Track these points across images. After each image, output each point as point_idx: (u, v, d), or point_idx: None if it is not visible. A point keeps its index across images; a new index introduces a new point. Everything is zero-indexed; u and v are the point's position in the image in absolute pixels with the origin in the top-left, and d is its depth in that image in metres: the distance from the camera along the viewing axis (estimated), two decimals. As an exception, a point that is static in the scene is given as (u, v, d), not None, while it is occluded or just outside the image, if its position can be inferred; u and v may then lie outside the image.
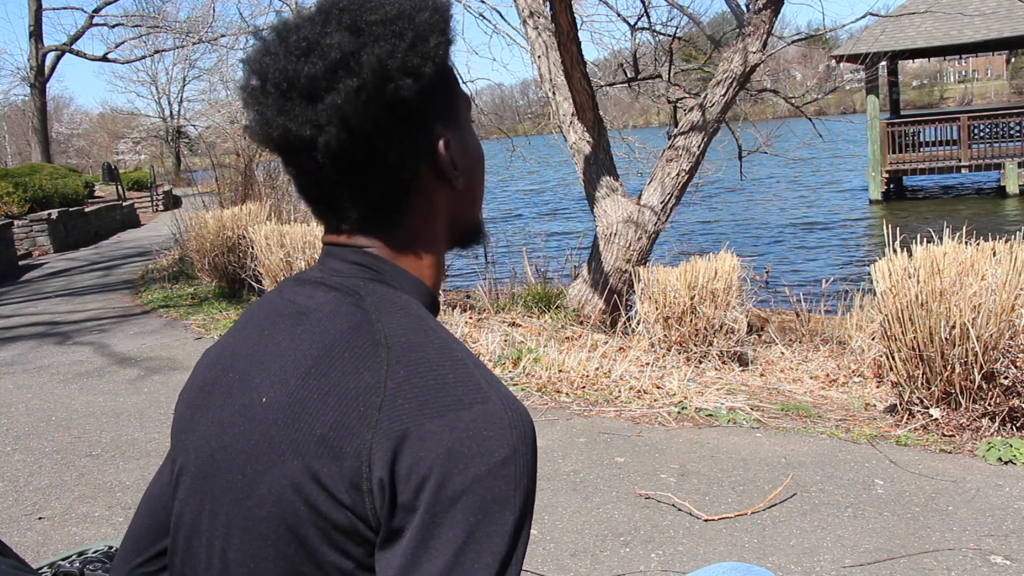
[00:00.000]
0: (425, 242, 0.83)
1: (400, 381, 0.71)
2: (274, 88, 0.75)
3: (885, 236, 3.89)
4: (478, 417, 0.69)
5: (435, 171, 0.81)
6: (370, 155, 0.77)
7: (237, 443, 0.77)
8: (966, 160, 18.18)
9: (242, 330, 0.85)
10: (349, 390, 0.71)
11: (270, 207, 8.40)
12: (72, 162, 36.24)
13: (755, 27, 5.74)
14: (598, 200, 6.29)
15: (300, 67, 0.74)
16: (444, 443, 0.68)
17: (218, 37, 17.41)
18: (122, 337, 6.62)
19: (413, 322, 0.76)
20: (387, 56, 0.74)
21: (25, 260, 13.07)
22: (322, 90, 0.73)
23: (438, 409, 0.69)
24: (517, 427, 0.70)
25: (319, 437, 0.71)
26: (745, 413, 3.93)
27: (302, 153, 0.76)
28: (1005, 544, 2.59)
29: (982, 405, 3.46)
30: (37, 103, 25.23)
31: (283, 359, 0.77)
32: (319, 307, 0.79)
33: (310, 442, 0.71)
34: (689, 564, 2.57)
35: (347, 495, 0.70)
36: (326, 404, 0.72)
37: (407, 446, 0.68)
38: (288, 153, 0.78)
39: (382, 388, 0.71)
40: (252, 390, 0.78)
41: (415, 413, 0.69)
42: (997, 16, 17.12)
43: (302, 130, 0.74)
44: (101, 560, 1.40)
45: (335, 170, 0.77)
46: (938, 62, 61.25)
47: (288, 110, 0.74)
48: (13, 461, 3.88)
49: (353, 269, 0.81)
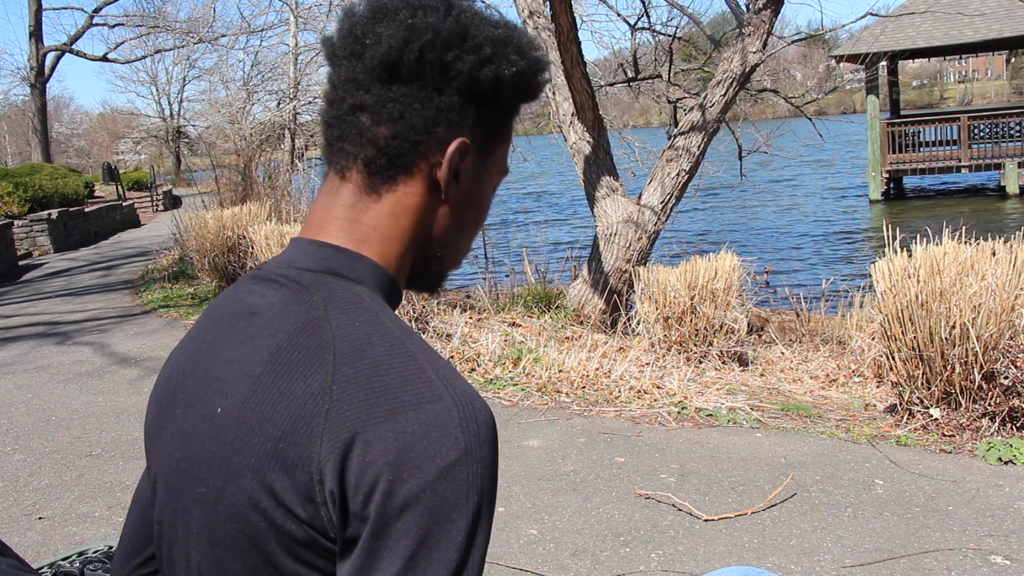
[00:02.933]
0: (399, 237, 0.80)
1: (345, 384, 0.68)
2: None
3: (885, 236, 3.89)
4: (427, 418, 0.67)
5: (433, 169, 0.78)
6: (407, 92, 0.76)
7: (199, 455, 0.75)
8: (966, 160, 18.18)
9: (200, 332, 0.83)
10: (297, 397, 0.69)
11: (270, 207, 8.40)
12: (72, 162, 36.24)
13: (755, 27, 5.74)
14: (598, 200, 6.29)
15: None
16: (391, 449, 0.66)
17: (218, 37, 17.44)
18: (122, 337, 6.62)
19: (362, 317, 0.73)
20: (488, 42, 0.76)
21: (25, 260, 13.07)
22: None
23: (385, 412, 0.67)
24: (469, 425, 0.68)
25: (271, 450, 0.69)
26: (745, 413, 3.93)
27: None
28: (1005, 544, 2.59)
29: (982, 405, 3.46)
30: (37, 103, 25.23)
31: (235, 365, 0.75)
32: (269, 307, 0.76)
33: (263, 455, 0.69)
34: (689, 564, 2.57)
35: (302, 509, 0.68)
36: (276, 413, 0.70)
37: (354, 454, 0.66)
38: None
39: (329, 393, 0.68)
40: (209, 398, 0.76)
41: (361, 418, 0.67)
42: (997, 16, 17.13)
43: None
44: (101, 560, 1.40)
45: (351, 113, 0.77)
46: (938, 62, 61.27)
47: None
48: (13, 461, 3.88)
49: (309, 258, 0.79)
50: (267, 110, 15.52)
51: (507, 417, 4.07)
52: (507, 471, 3.39)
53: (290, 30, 13.91)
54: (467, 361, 4.91)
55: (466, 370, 4.82)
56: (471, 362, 4.89)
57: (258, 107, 16.30)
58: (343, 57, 0.78)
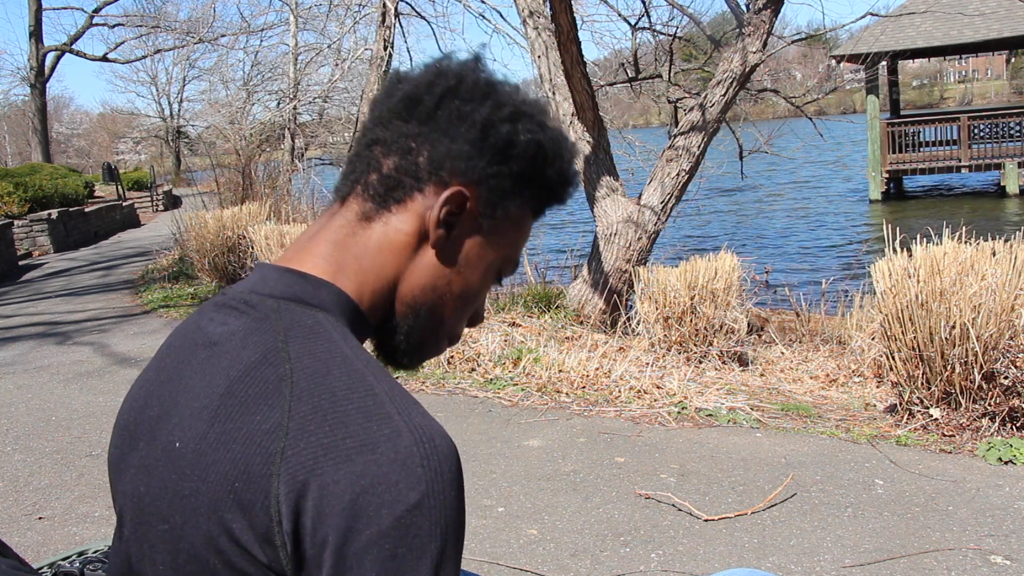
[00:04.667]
0: (377, 270, 0.78)
1: (302, 422, 0.66)
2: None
3: (885, 236, 3.89)
4: (385, 459, 0.64)
5: (427, 212, 0.77)
6: (415, 128, 0.78)
7: (160, 490, 0.73)
8: (966, 160, 18.19)
9: (160, 361, 0.81)
10: (253, 435, 0.67)
11: (270, 207, 8.41)
12: (72, 162, 36.24)
13: (755, 27, 5.74)
14: (598, 200, 6.29)
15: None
16: (347, 494, 0.63)
17: (218, 37, 17.44)
18: (122, 337, 6.62)
19: (322, 347, 0.71)
20: (510, 112, 0.79)
21: (25, 260, 13.08)
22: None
23: (342, 453, 0.64)
24: (430, 463, 0.65)
25: (227, 489, 0.67)
26: (745, 413, 3.93)
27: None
28: (1005, 544, 2.59)
29: (982, 405, 3.46)
30: (37, 103, 25.25)
31: (193, 397, 0.73)
32: (229, 336, 0.74)
33: (219, 494, 0.67)
34: (689, 564, 2.57)
35: (260, 550, 0.66)
36: (231, 452, 0.67)
37: (309, 498, 0.64)
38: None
39: (285, 431, 0.66)
40: (168, 432, 0.73)
41: (318, 459, 0.64)
42: (997, 16, 17.13)
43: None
44: (101, 560, 1.40)
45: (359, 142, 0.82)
46: (938, 62, 61.27)
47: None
48: (13, 461, 3.88)
49: (273, 284, 0.77)
50: (267, 110, 15.53)
51: (507, 417, 4.07)
52: (507, 471, 3.39)
53: (290, 30, 13.91)
54: (467, 361, 4.91)
55: (466, 370, 4.82)
56: (471, 362, 4.89)
57: (258, 107, 16.32)
58: (378, 101, 0.82)
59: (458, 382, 4.66)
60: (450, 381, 4.68)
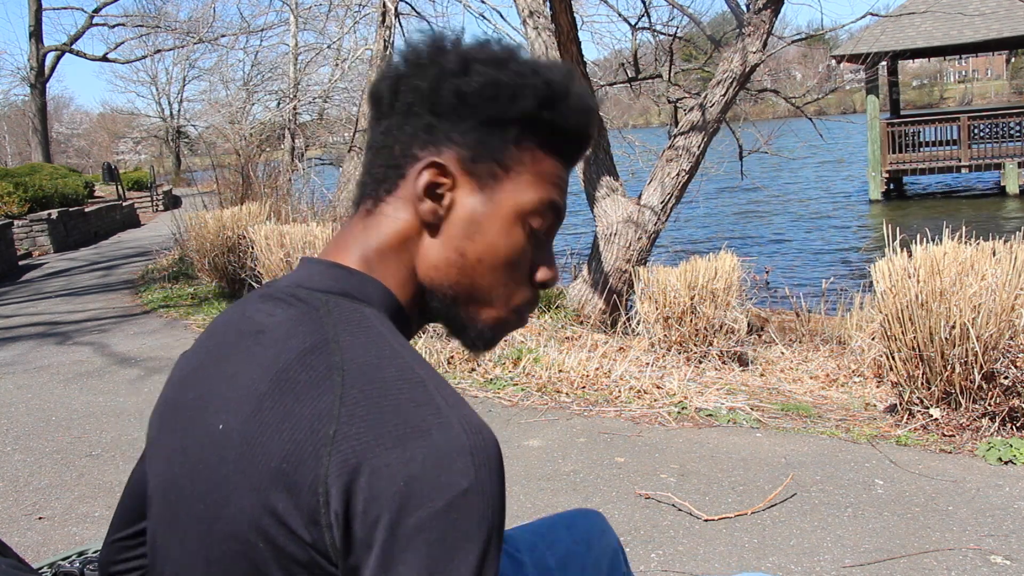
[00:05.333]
0: (393, 257, 0.80)
1: (354, 406, 0.67)
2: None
3: (885, 236, 3.89)
4: (436, 445, 0.65)
5: (411, 194, 0.79)
6: (391, 123, 0.81)
7: (198, 471, 0.74)
8: (966, 160, 18.18)
9: (203, 347, 0.83)
10: (303, 419, 0.68)
11: (270, 207, 8.40)
12: (72, 162, 36.22)
13: (755, 27, 5.74)
14: (598, 200, 6.29)
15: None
16: (400, 477, 0.64)
17: (218, 37, 17.45)
18: (122, 337, 6.62)
19: (373, 341, 0.72)
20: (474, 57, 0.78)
21: (25, 260, 13.07)
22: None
23: (394, 438, 0.65)
24: (480, 453, 0.66)
25: (274, 470, 0.67)
26: (745, 413, 3.93)
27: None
28: (1005, 544, 2.59)
29: (982, 405, 3.46)
30: (37, 103, 25.24)
31: (239, 383, 0.74)
32: (277, 325, 0.75)
33: (265, 475, 0.68)
34: (689, 564, 2.57)
35: (306, 531, 0.67)
36: (280, 434, 0.68)
37: (361, 480, 0.64)
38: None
39: (336, 416, 0.67)
40: (211, 415, 0.74)
41: (370, 443, 0.65)
42: (997, 16, 17.13)
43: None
44: (101, 560, 1.40)
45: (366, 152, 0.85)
46: (938, 62, 61.27)
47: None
48: (13, 461, 3.88)
49: (320, 279, 0.79)
50: (267, 110, 15.53)
51: (507, 417, 4.07)
52: (507, 471, 3.37)
53: (290, 30, 13.92)
54: (467, 361, 4.91)
55: (466, 370, 4.82)
56: (471, 362, 4.89)
57: (258, 107, 16.32)
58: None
59: (458, 382, 4.66)
60: (450, 381, 4.68)
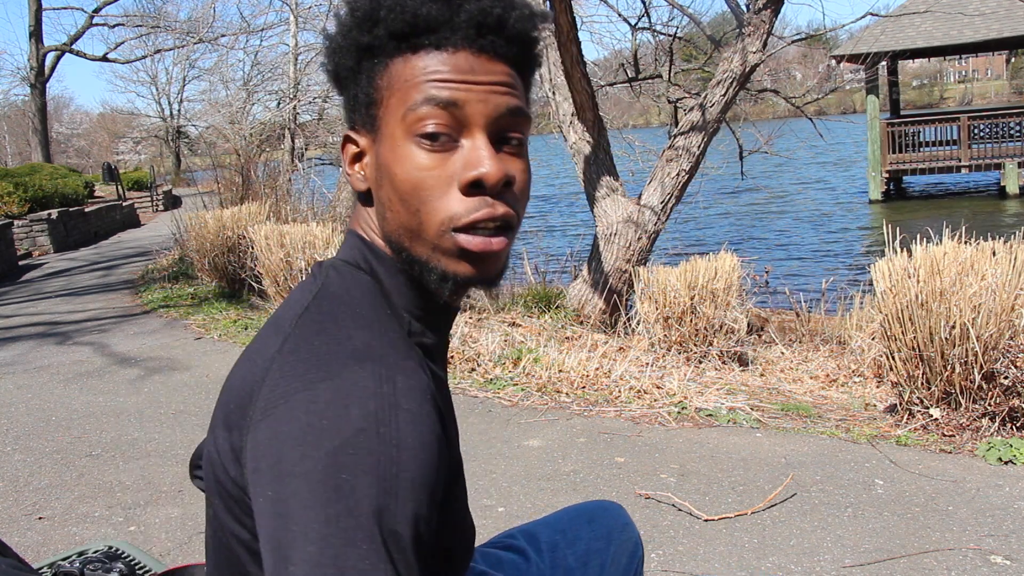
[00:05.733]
0: (374, 233, 0.82)
1: (287, 353, 0.71)
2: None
3: (885, 236, 3.89)
4: (339, 388, 0.65)
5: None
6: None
7: (216, 407, 0.82)
8: (966, 160, 18.18)
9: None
10: (257, 366, 0.73)
11: (270, 207, 8.40)
12: (72, 162, 36.21)
13: (755, 27, 5.74)
14: (598, 200, 6.29)
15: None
16: (302, 416, 0.65)
17: (218, 37, 17.44)
18: (122, 337, 6.62)
19: (338, 300, 0.76)
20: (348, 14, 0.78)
21: (25, 260, 13.07)
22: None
23: (305, 381, 0.67)
24: (386, 399, 0.65)
25: (229, 411, 0.74)
26: (745, 413, 3.93)
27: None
28: (1005, 544, 2.59)
29: (982, 405, 3.46)
30: (37, 103, 25.24)
31: (257, 338, 0.80)
32: (293, 297, 0.81)
33: (224, 415, 0.75)
34: (689, 564, 2.57)
35: (233, 466, 0.71)
36: (242, 379, 0.75)
37: (271, 419, 0.66)
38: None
39: (273, 361, 0.71)
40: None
41: (285, 385, 0.68)
42: (997, 16, 17.13)
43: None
44: (101, 560, 1.40)
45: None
46: (938, 62, 61.27)
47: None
48: (13, 461, 3.88)
49: (343, 248, 0.85)
50: (267, 110, 15.52)
51: (507, 417, 4.07)
52: (507, 471, 3.39)
53: (290, 30, 13.91)
54: (467, 361, 4.91)
55: (466, 370, 4.82)
56: (471, 362, 4.89)
57: (258, 107, 16.30)
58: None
59: (458, 382, 4.66)
60: (450, 381, 4.68)
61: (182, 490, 3.39)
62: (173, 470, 3.62)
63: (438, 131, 0.74)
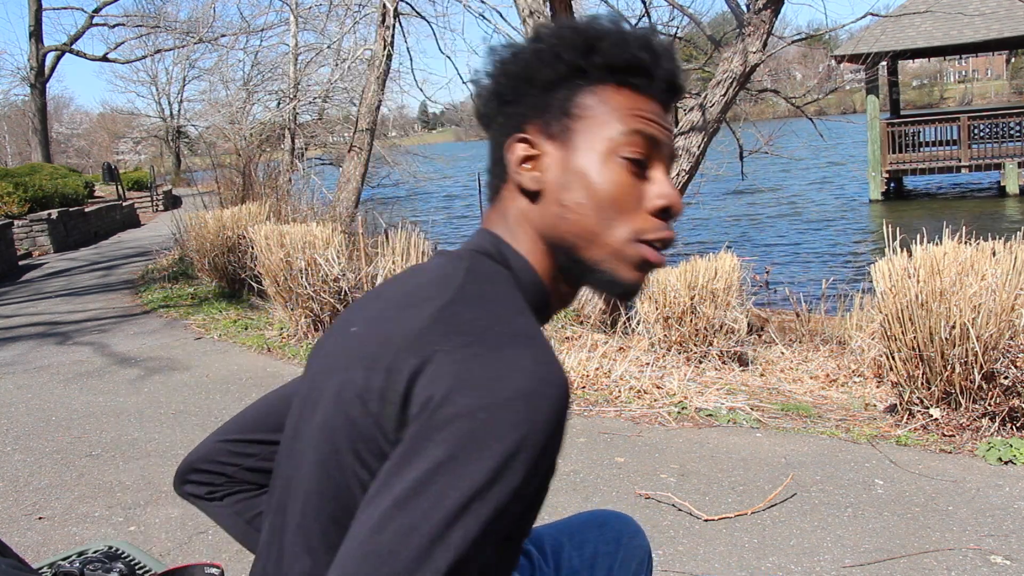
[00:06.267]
0: (523, 237, 0.88)
1: (448, 316, 0.76)
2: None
3: (885, 236, 3.89)
4: (500, 360, 0.71)
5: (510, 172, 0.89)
6: (491, 132, 0.92)
7: (325, 365, 0.85)
8: (966, 160, 18.17)
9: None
10: (406, 318, 0.78)
11: (270, 207, 8.40)
12: (72, 162, 36.21)
13: (755, 27, 5.74)
14: (598, 200, 6.28)
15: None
16: (460, 370, 0.71)
17: (218, 37, 17.44)
18: (122, 337, 6.62)
19: (494, 287, 0.82)
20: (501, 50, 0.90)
21: (25, 260, 13.07)
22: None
23: (468, 342, 0.73)
24: (541, 383, 0.71)
25: (370, 353, 0.78)
26: (745, 413, 3.93)
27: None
28: (1005, 544, 2.59)
29: (982, 405, 3.46)
30: (37, 103, 25.24)
31: (381, 299, 0.86)
32: (428, 265, 0.88)
33: (362, 356, 0.79)
34: (689, 564, 2.57)
35: (375, 404, 0.75)
36: (385, 327, 0.79)
37: (429, 368, 0.72)
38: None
39: (431, 318, 0.76)
40: (351, 324, 0.87)
41: (446, 341, 0.73)
42: (997, 16, 17.12)
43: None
44: (101, 560, 1.40)
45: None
46: (938, 62, 61.27)
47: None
48: (13, 461, 3.88)
49: (476, 240, 0.90)
50: (267, 110, 15.52)
51: (507, 417, 4.07)
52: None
53: (290, 30, 13.91)
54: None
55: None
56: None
57: (258, 107, 16.30)
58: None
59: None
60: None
61: (182, 490, 3.39)
62: (173, 470, 3.60)
63: (640, 158, 0.86)
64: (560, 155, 0.86)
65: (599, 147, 0.85)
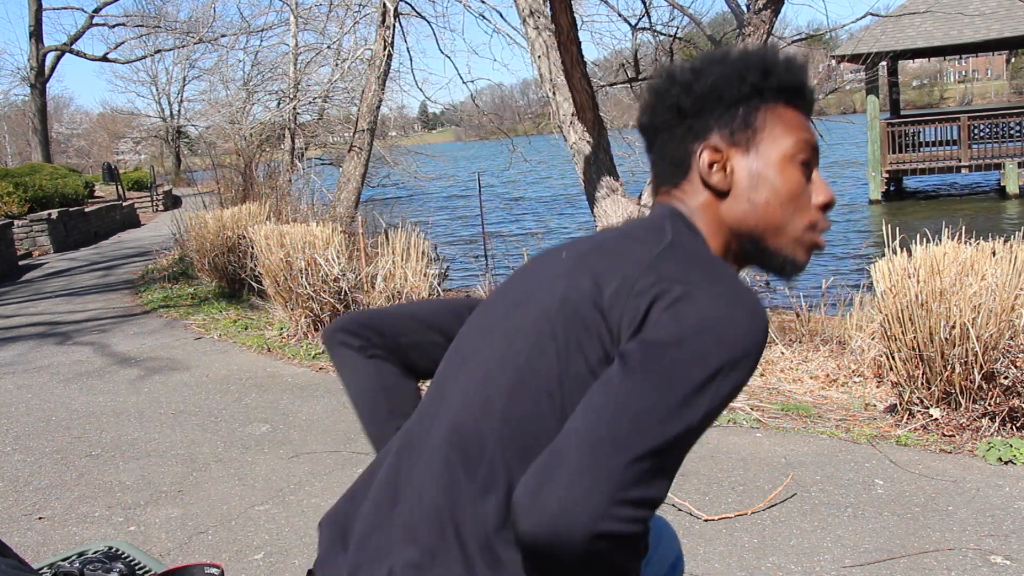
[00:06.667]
0: (702, 221, 1.03)
1: (675, 254, 0.92)
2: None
3: (885, 236, 3.89)
4: (725, 292, 0.86)
5: (699, 175, 1.04)
6: (663, 137, 1.08)
7: (533, 279, 1.01)
8: (966, 160, 18.17)
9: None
10: (634, 251, 0.94)
11: (270, 207, 8.40)
12: (72, 162, 36.19)
13: (755, 27, 5.74)
14: (598, 200, 6.29)
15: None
16: (692, 296, 0.85)
17: (218, 37, 17.42)
18: (122, 337, 6.62)
19: (698, 242, 0.99)
20: (677, 73, 1.06)
21: (25, 260, 13.07)
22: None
23: (698, 276, 0.88)
24: (758, 314, 0.86)
25: (601, 267, 0.93)
26: (745, 413, 3.93)
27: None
28: (1005, 544, 2.59)
29: (982, 405, 3.46)
30: (37, 103, 25.24)
31: (586, 242, 1.01)
32: (630, 222, 1.03)
33: (591, 269, 0.93)
34: (689, 564, 2.57)
35: (607, 301, 0.89)
36: (613, 254, 0.95)
37: (664, 295, 0.86)
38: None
39: (660, 254, 0.92)
40: (557, 254, 1.02)
41: (679, 272, 0.89)
42: (997, 16, 17.12)
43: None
44: (101, 560, 1.41)
45: (658, 140, 1.09)
46: (938, 62, 61.26)
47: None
48: (13, 461, 3.88)
49: (668, 210, 1.04)
50: (267, 110, 15.50)
51: (507, 417, 4.07)
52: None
53: (290, 30, 13.90)
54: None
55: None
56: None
57: (258, 107, 16.28)
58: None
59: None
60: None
61: (182, 490, 3.39)
62: (173, 470, 3.62)
63: (811, 163, 1.05)
64: (745, 161, 1.03)
65: (780, 155, 1.03)
